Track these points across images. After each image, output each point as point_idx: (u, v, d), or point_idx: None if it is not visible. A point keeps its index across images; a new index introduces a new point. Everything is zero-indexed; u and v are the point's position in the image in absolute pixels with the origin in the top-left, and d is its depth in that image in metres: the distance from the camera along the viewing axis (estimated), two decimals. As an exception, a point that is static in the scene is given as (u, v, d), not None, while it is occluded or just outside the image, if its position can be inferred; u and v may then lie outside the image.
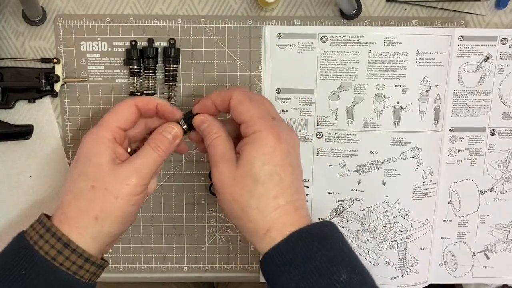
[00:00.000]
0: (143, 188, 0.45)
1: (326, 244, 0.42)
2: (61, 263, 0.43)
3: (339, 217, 0.59)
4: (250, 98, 0.45)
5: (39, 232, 0.44)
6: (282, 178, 0.43)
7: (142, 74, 0.56)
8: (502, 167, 0.59)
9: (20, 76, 0.55)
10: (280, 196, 0.43)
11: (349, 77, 0.56)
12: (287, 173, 0.43)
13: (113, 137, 0.46)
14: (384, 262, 0.59)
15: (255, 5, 0.56)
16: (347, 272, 0.41)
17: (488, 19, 0.57)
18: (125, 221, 0.45)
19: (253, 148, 0.43)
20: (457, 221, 0.60)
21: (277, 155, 0.43)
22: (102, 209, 0.44)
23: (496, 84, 0.57)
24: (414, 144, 0.56)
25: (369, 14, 0.56)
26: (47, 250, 0.43)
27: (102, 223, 0.44)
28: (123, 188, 0.44)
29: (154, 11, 0.56)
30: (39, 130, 0.57)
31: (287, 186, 0.43)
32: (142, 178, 0.45)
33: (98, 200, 0.44)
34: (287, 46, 0.56)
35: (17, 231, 0.56)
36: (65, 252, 0.43)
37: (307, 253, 0.41)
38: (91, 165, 0.45)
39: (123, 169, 0.45)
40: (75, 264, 0.43)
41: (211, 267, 0.62)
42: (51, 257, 0.43)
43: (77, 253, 0.43)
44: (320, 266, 0.41)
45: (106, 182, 0.44)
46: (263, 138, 0.43)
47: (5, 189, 0.58)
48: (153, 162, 0.46)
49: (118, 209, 0.44)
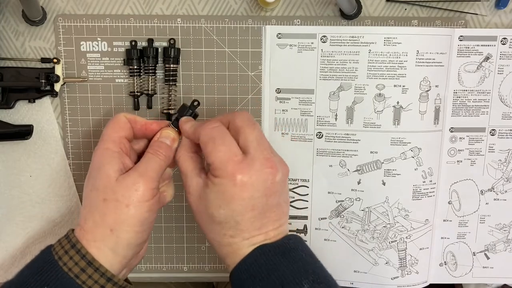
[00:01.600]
0: (153, 192, 0.45)
1: (289, 256, 0.44)
2: (84, 281, 0.43)
3: (339, 217, 0.59)
4: (214, 139, 0.45)
5: (65, 247, 0.44)
6: (238, 222, 0.44)
7: (142, 74, 0.56)
8: (502, 167, 0.59)
9: (20, 76, 0.55)
10: (236, 235, 0.44)
11: (349, 77, 0.56)
12: (244, 218, 0.44)
13: (119, 148, 0.47)
14: (384, 262, 0.59)
15: (255, 5, 0.56)
16: (310, 282, 0.42)
17: (488, 19, 0.57)
18: (142, 229, 0.45)
19: (213, 189, 0.44)
20: (457, 221, 0.60)
21: (235, 202, 0.43)
22: (115, 220, 0.44)
23: (496, 84, 0.57)
24: (414, 144, 0.56)
25: (369, 14, 0.56)
26: (71, 266, 0.43)
27: (118, 234, 0.44)
28: (132, 195, 0.44)
29: (154, 11, 0.56)
30: (39, 130, 0.57)
31: (244, 228, 0.44)
32: (148, 181, 0.45)
33: (111, 211, 0.44)
34: (287, 46, 0.56)
35: (17, 231, 0.56)
36: (88, 270, 0.43)
37: (270, 266, 0.43)
38: (100, 177, 0.45)
39: (129, 177, 0.45)
40: (97, 283, 0.43)
41: (211, 267, 0.62)
42: (74, 274, 0.43)
43: (99, 272, 0.43)
44: (283, 278, 0.42)
45: (115, 193, 0.44)
46: (222, 184, 0.43)
47: (5, 189, 0.58)
48: (157, 165, 0.46)
49: (131, 217, 0.44)
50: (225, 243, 0.45)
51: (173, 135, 0.49)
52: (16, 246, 0.59)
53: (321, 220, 0.60)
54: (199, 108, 0.57)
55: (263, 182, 0.44)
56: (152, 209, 0.46)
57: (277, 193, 0.45)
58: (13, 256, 0.59)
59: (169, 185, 0.51)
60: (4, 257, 0.59)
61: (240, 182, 0.43)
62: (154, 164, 0.46)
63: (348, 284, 0.60)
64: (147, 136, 0.50)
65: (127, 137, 0.48)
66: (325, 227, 0.59)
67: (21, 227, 0.58)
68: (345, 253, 0.60)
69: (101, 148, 0.47)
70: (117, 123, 0.48)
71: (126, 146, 0.48)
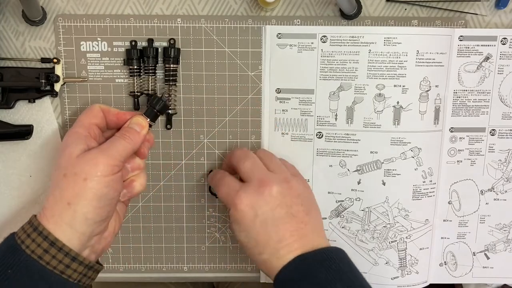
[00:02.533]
0: (113, 169, 0.46)
1: (326, 264, 0.47)
2: (48, 261, 0.43)
3: (339, 217, 0.59)
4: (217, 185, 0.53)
5: (27, 231, 0.44)
6: (257, 241, 0.49)
7: (142, 74, 0.56)
8: (502, 167, 0.59)
9: (20, 76, 0.55)
10: (262, 253, 0.49)
11: (349, 77, 0.56)
12: (260, 235, 0.49)
13: (87, 132, 0.48)
14: (384, 262, 0.59)
15: (255, 5, 0.56)
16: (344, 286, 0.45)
17: (488, 19, 0.57)
18: (100, 205, 0.45)
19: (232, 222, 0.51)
20: (457, 221, 0.60)
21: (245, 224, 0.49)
22: (73, 193, 0.44)
23: (496, 84, 0.57)
24: (414, 144, 0.56)
25: (369, 14, 0.56)
26: (33, 249, 0.43)
27: (75, 207, 0.44)
28: (91, 169, 0.45)
29: (154, 11, 0.56)
30: (39, 130, 0.57)
31: (265, 244, 0.49)
32: (108, 158, 0.46)
33: (69, 186, 0.45)
34: (287, 46, 0.56)
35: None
36: (51, 251, 0.43)
37: (307, 272, 0.47)
38: (63, 156, 0.46)
39: (90, 153, 0.46)
40: (61, 263, 0.43)
41: (211, 267, 0.62)
42: (37, 255, 0.43)
43: (63, 251, 0.43)
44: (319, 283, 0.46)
45: (75, 167, 0.45)
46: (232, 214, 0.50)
47: (5, 189, 0.58)
48: (120, 146, 0.47)
49: (88, 190, 0.44)
50: (260, 262, 0.50)
51: (143, 123, 0.50)
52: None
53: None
54: (199, 108, 0.57)
55: (262, 199, 0.49)
56: (111, 186, 0.46)
57: (282, 205, 0.49)
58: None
59: (140, 176, 0.51)
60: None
61: (241, 207, 0.49)
62: (118, 145, 0.47)
63: (348, 284, 0.60)
64: (119, 125, 0.51)
65: (98, 125, 0.50)
66: (325, 227, 0.59)
67: (21, 227, 0.58)
68: (345, 253, 0.60)
69: (69, 131, 0.48)
70: (90, 111, 0.50)
71: (95, 132, 0.49)
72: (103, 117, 0.50)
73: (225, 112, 0.58)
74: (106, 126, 0.51)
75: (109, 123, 0.51)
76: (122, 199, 0.51)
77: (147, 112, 0.51)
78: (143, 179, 0.52)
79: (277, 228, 0.48)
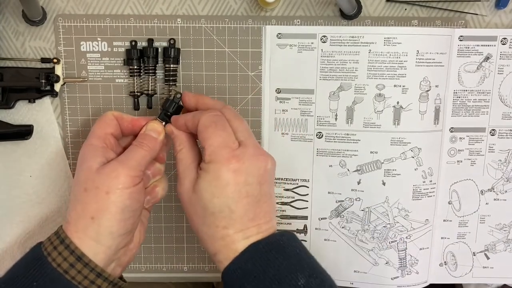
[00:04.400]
0: (133, 180, 0.45)
1: (284, 252, 0.44)
2: (73, 276, 0.43)
3: (339, 217, 0.59)
4: (215, 124, 0.45)
5: (54, 243, 0.44)
6: (233, 211, 0.44)
7: (142, 74, 0.56)
8: (502, 167, 0.59)
9: (20, 76, 0.55)
10: (229, 226, 0.44)
11: (349, 77, 0.56)
12: (239, 205, 0.44)
13: (103, 144, 0.47)
14: (384, 262, 0.59)
15: (255, 5, 0.56)
16: (305, 277, 0.43)
17: (488, 19, 0.57)
18: (124, 218, 0.44)
19: (206, 178, 0.44)
20: (457, 221, 0.60)
21: (230, 188, 0.44)
22: (96, 208, 0.44)
23: (496, 84, 0.57)
24: (414, 144, 0.56)
25: (369, 14, 0.56)
26: (59, 262, 0.43)
27: (99, 222, 0.43)
28: (112, 182, 0.44)
29: (154, 11, 0.56)
30: (39, 130, 0.57)
31: (238, 217, 0.44)
32: (128, 169, 0.45)
33: (91, 200, 0.44)
34: (287, 46, 0.56)
35: (17, 231, 0.56)
36: (77, 266, 0.43)
37: (265, 262, 0.43)
38: (81, 170, 0.46)
39: (109, 165, 0.45)
40: (87, 278, 0.43)
41: (211, 267, 0.62)
42: (63, 269, 0.43)
43: (89, 267, 0.43)
44: (279, 274, 0.42)
45: (95, 181, 0.44)
46: (216, 170, 0.44)
47: (5, 189, 0.58)
48: (139, 155, 0.46)
49: (111, 204, 0.44)
50: (219, 236, 0.44)
51: (159, 128, 0.49)
52: (16, 246, 0.59)
53: (321, 220, 0.60)
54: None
55: (257, 168, 0.45)
56: (134, 198, 0.45)
57: (269, 182, 0.46)
58: (13, 257, 0.59)
59: (161, 181, 0.51)
60: (3, 257, 0.59)
61: (235, 167, 0.44)
62: (136, 154, 0.46)
63: (348, 284, 0.60)
64: (135, 132, 0.50)
65: (113, 134, 0.48)
66: (325, 227, 0.59)
67: (21, 227, 0.58)
68: (345, 253, 0.60)
69: (85, 144, 0.47)
70: (103, 120, 0.48)
71: (111, 142, 0.48)
72: (117, 124, 0.49)
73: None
74: (121, 133, 0.50)
75: (124, 130, 0.50)
76: (146, 205, 0.50)
77: (161, 115, 0.50)
78: (165, 183, 0.51)
79: (257, 205, 0.45)
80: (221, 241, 0.45)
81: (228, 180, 0.44)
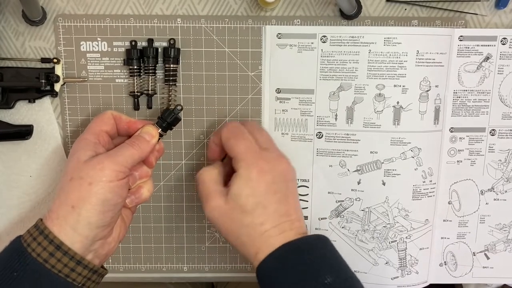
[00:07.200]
0: (118, 175, 0.46)
1: (313, 253, 0.46)
2: (53, 265, 0.43)
3: (339, 217, 0.59)
4: (235, 134, 0.50)
5: (33, 234, 0.44)
6: (266, 206, 0.47)
7: (142, 74, 0.56)
8: (502, 167, 0.59)
9: (20, 76, 0.55)
10: (265, 222, 0.47)
11: (349, 77, 0.56)
12: (271, 201, 0.47)
13: (96, 139, 0.49)
14: (384, 262, 0.59)
15: (255, 5, 0.56)
16: (333, 277, 0.44)
17: (488, 19, 0.57)
18: (103, 210, 0.45)
19: (240, 182, 0.47)
20: (457, 221, 0.60)
21: (261, 186, 0.47)
22: (77, 197, 0.45)
23: (496, 84, 0.57)
24: (414, 144, 0.56)
25: (369, 14, 0.56)
26: (39, 252, 0.43)
27: (79, 211, 0.44)
28: (96, 174, 0.45)
29: (154, 11, 0.56)
30: (39, 130, 0.57)
31: (271, 212, 0.47)
32: (114, 163, 0.46)
33: (74, 189, 0.45)
34: (287, 46, 0.56)
35: (17, 231, 0.56)
36: (56, 254, 0.43)
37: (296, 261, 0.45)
38: (71, 161, 0.47)
39: (97, 158, 0.46)
40: (66, 266, 0.44)
41: (211, 267, 0.62)
42: (43, 259, 0.43)
43: (68, 255, 0.44)
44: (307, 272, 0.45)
45: (81, 172, 0.45)
46: (248, 172, 0.47)
47: (5, 189, 0.58)
48: (128, 152, 0.48)
49: (92, 195, 0.44)
50: (258, 234, 0.47)
51: (153, 132, 0.51)
52: (16, 246, 0.59)
53: (321, 220, 0.60)
54: (199, 108, 0.57)
55: (281, 168, 0.49)
56: (116, 192, 0.46)
57: (294, 181, 0.50)
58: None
59: (147, 183, 0.52)
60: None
61: (262, 168, 0.48)
62: (125, 151, 0.48)
63: (348, 284, 0.60)
64: (130, 133, 0.51)
65: (108, 132, 0.50)
66: (325, 227, 0.59)
67: (21, 227, 0.58)
68: (345, 253, 0.59)
69: (79, 138, 0.49)
70: (101, 118, 0.50)
71: (105, 139, 0.50)
72: (114, 124, 0.51)
73: (225, 112, 0.58)
74: (116, 133, 0.51)
75: (120, 130, 0.51)
76: (130, 205, 0.51)
77: (159, 122, 0.52)
78: (151, 185, 0.52)
79: (286, 201, 0.48)
80: (260, 238, 0.47)
81: (258, 179, 0.47)
